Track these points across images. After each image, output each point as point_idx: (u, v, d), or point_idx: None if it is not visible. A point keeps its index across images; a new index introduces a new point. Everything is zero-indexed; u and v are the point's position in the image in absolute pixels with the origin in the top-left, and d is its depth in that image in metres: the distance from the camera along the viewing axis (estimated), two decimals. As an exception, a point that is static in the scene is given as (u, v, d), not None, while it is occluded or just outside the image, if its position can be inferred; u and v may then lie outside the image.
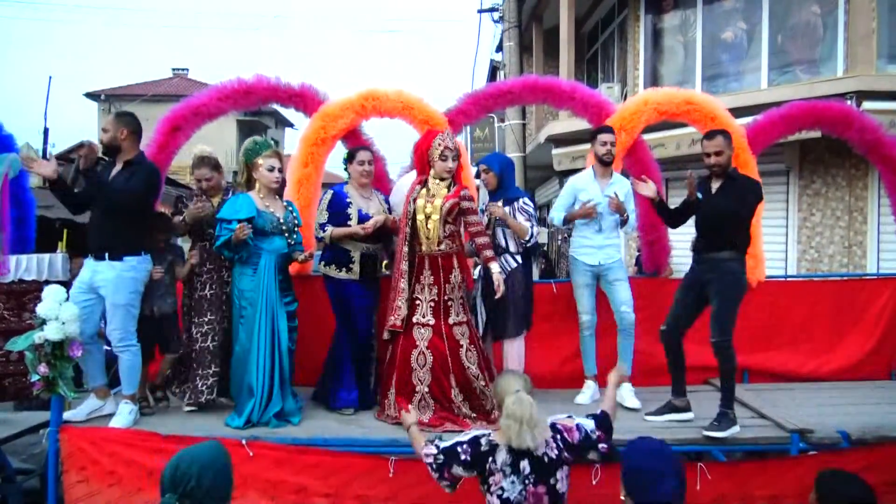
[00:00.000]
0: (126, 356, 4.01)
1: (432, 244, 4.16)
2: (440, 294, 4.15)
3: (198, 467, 2.07)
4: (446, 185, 4.22)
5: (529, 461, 2.72)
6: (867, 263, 8.16)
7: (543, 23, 13.72)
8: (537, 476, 2.72)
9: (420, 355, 4.10)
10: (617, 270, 4.63)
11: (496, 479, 2.72)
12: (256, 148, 4.16)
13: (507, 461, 2.72)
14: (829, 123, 5.36)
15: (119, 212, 3.95)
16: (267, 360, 4.01)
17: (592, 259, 4.60)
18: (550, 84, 5.40)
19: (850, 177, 8.34)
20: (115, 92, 29.13)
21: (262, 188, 4.15)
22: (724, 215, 4.01)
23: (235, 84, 4.85)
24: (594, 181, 4.70)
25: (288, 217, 4.20)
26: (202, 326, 4.29)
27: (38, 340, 3.65)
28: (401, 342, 4.15)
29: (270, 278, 4.05)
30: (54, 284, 3.87)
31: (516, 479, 2.71)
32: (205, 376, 4.25)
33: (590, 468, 3.68)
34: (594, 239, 4.61)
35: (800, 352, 5.24)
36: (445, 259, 4.19)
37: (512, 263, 4.54)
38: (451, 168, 4.19)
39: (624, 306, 4.55)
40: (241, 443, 3.64)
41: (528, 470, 2.71)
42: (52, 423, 3.83)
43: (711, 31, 9.98)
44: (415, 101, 5.06)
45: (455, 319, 4.18)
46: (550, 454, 2.76)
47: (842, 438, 3.85)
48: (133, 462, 3.71)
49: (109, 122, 4.06)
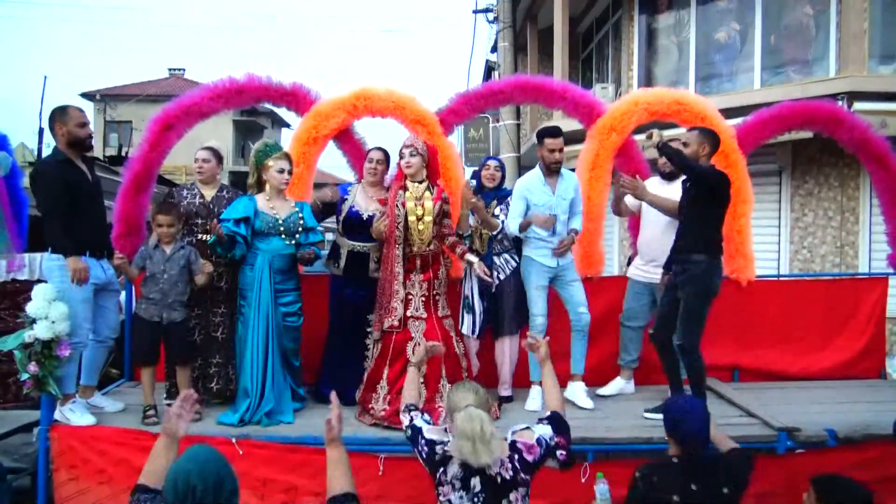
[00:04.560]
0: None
1: (424, 244, 4.27)
2: (430, 289, 4.30)
3: (197, 478, 2.03)
4: (425, 187, 4.29)
5: (481, 479, 2.53)
6: (859, 263, 8.18)
7: (538, 23, 13.74)
8: (487, 496, 2.53)
9: (416, 346, 4.13)
10: (573, 271, 4.61)
11: (445, 490, 2.58)
12: (267, 150, 4.26)
13: (457, 475, 2.55)
14: (819, 123, 5.37)
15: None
16: (260, 359, 4.05)
17: (552, 261, 4.52)
18: (541, 84, 5.41)
19: (842, 177, 8.37)
20: (111, 92, 29.03)
21: (271, 189, 4.23)
22: (687, 215, 4.07)
23: (227, 83, 4.85)
24: (544, 184, 4.56)
25: (292, 218, 4.23)
26: (217, 317, 4.38)
27: (27, 339, 3.67)
28: (395, 337, 4.21)
29: (265, 277, 4.11)
30: (44, 283, 3.88)
31: (465, 495, 2.54)
32: (218, 364, 4.36)
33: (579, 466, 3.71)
34: (552, 240, 4.50)
35: (790, 351, 5.26)
36: (434, 256, 4.35)
37: (513, 263, 4.62)
38: (407, 162, 4.25)
39: (581, 307, 4.53)
40: (231, 441, 3.66)
41: (478, 488, 2.53)
42: (42, 421, 3.85)
43: (705, 32, 10.00)
44: (406, 100, 5.07)
45: (443, 312, 4.35)
46: (505, 475, 2.53)
47: (829, 437, 3.87)
48: (123, 460, 3.72)
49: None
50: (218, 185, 4.61)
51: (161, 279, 4.09)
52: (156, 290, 4.08)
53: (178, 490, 2.02)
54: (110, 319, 4.32)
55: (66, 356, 3.75)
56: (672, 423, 2.94)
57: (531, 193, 4.54)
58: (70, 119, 4.02)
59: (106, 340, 4.35)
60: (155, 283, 4.09)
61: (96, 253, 4.11)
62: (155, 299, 4.08)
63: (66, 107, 4.08)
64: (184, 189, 4.57)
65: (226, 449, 3.68)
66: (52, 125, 4.03)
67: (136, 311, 4.19)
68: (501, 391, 4.60)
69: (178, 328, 4.13)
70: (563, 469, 2.78)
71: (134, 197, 4.59)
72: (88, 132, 4.11)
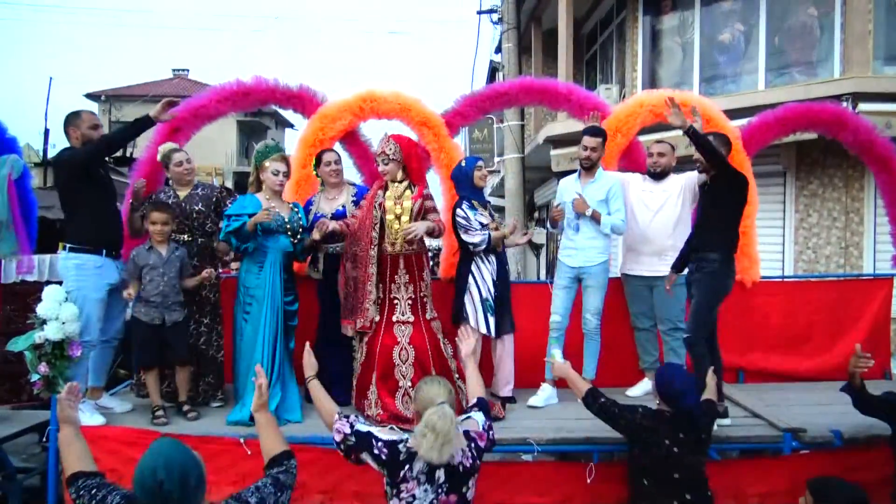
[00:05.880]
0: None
1: (403, 243, 4.22)
2: (416, 291, 4.27)
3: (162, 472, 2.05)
4: (405, 186, 4.30)
5: (445, 470, 2.66)
6: (863, 264, 8.18)
7: (542, 24, 13.76)
8: (450, 485, 2.67)
9: (402, 351, 4.17)
10: (596, 276, 4.56)
11: (409, 486, 2.65)
12: (266, 151, 4.31)
13: (423, 469, 2.65)
14: (823, 125, 5.39)
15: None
16: (269, 357, 4.08)
17: (573, 261, 4.58)
18: (546, 85, 5.44)
19: (846, 178, 8.36)
20: (116, 93, 29.14)
21: (267, 190, 4.27)
22: (705, 214, 4.11)
23: (234, 86, 4.91)
24: (576, 182, 4.72)
25: (293, 218, 4.28)
26: (201, 327, 4.43)
27: (38, 340, 3.70)
28: (379, 342, 4.19)
29: (276, 276, 4.16)
30: (53, 284, 3.92)
31: (430, 487, 2.65)
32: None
33: (584, 466, 3.74)
34: (575, 240, 4.59)
35: (795, 352, 5.27)
36: (417, 257, 4.30)
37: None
38: (382, 171, 4.28)
39: (588, 314, 4.60)
40: (239, 441, 3.68)
41: (442, 479, 2.66)
42: (52, 421, 3.87)
43: (709, 33, 10.00)
44: (412, 102, 5.10)
45: (431, 315, 4.32)
46: (466, 463, 2.70)
47: (834, 437, 3.89)
48: (133, 460, 3.67)
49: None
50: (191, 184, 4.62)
51: (160, 281, 4.11)
52: (156, 292, 4.10)
53: (146, 485, 2.05)
54: (117, 320, 4.36)
55: (78, 356, 3.78)
56: (661, 386, 3.43)
57: (564, 190, 4.75)
58: (83, 122, 4.12)
59: (112, 341, 4.39)
60: (154, 286, 4.10)
61: (112, 253, 4.16)
62: (155, 302, 4.10)
63: (78, 111, 4.20)
64: (160, 192, 4.56)
65: (234, 449, 3.74)
66: (66, 129, 4.13)
67: (134, 314, 4.18)
68: (503, 391, 4.43)
69: (178, 329, 4.18)
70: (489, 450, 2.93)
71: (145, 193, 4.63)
72: (101, 134, 4.17)
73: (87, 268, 4.00)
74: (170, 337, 4.15)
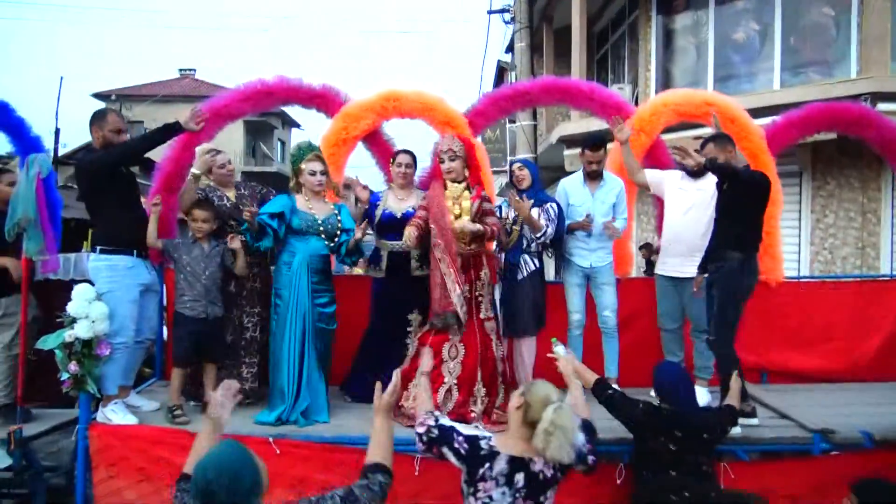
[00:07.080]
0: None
1: (463, 244, 4.19)
2: (472, 290, 4.23)
3: (213, 474, 2.05)
4: (464, 187, 4.27)
5: (525, 475, 2.65)
6: (880, 265, 8.16)
7: (554, 23, 13.73)
8: (528, 492, 2.65)
9: (452, 348, 4.15)
10: (606, 274, 4.71)
11: (487, 486, 2.63)
12: (300, 153, 4.30)
13: (503, 471, 2.64)
14: (847, 125, 5.37)
15: None
16: (296, 359, 4.07)
17: (584, 261, 4.69)
18: (569, 85, 5.43)
19: (863, 178, 8.34)
20: (125, 92, 29.19)
21: (307, 191, 4.27)
22: (724, 211, 4.08)
23: (258, 85, 4.89)
24: (583, 185, 4.73)
25: (330, 219, 4.25)
26: (253, 317, 4.42)
27: (68, 339, 3.70)
28: (431, 337, 4.18)
29: (303, 277, 4.12)
30: (83, 283, 3.93)
31: (508, 490, 2.63)
32: (251, 364, 4.39)
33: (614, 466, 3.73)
34: (587, 242, 4.68)
35: (818, 352, 5.25)
36: (476, 257, 4.27)
37: (531, 266, 4.60)
38: (448, 168, 4.25)
39: (606, 311, 4.67)
40: (268, 441, 3.69)
41: (521, 484, 2.64)
42: (80, 420, 3.88)
43: (723, 32, 9.97)
44: (436, 101, 5.10)
45: (485, 315, 4.27)
46: (546, 473, 2.69)
47: (864, 439, 3.87)
48: (161, 458, 3.75)
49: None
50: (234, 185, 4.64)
51: (203, 275, 4.12)
52: (199, 286, 4.11)
53: (198, 486, 2.07)
54: (151, 320, 4.37)
55: (106, 355, 3.78)
56: (655, 382, 3.54)
57: (571, 193, 4.75)
58: (107, 124, 4.11)
59: (145, 342, 4.40)
60: (196, 280, 4.12)
61: (142, 253, 4.16)
62: (199, 294, 4.11)
63: (105, 112, 4.20)
64: (213, 194, 4.54)
65: (263, 448, 3.72)
66: (91, 125, 4.13)
67: (178, 309, 4.17)
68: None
69: (217, 325, 4.20)
70: (587, 473, 2.97)
71: (166, 198, 4.63)
72: (123, 140, 4.15)
73: (118, 269, 4.00)
74: (209, 333, 4.14)
